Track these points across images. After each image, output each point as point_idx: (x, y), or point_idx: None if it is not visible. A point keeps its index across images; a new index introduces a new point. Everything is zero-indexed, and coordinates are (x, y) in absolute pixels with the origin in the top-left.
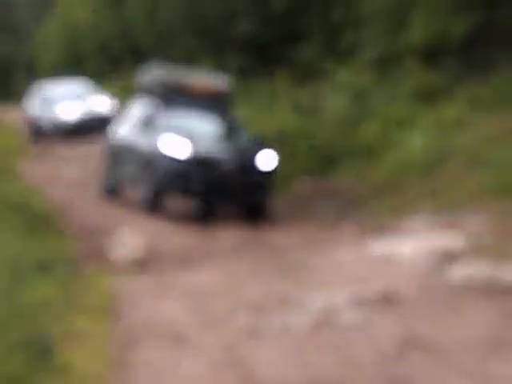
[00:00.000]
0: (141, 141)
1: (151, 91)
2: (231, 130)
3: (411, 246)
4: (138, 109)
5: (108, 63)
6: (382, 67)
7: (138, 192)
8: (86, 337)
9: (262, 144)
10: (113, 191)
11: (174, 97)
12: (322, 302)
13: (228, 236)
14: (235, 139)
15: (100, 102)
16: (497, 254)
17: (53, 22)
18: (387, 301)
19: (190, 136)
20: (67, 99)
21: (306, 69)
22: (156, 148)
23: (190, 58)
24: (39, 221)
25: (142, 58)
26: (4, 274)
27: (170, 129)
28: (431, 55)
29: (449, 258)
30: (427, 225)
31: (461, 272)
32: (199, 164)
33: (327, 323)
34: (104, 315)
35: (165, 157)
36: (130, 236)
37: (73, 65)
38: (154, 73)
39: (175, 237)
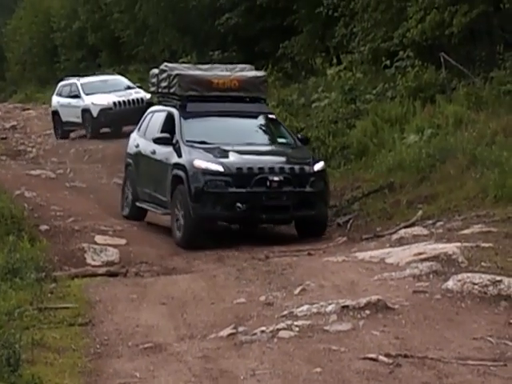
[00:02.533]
0: (166, 155)
1: (170, 93)
2: (271, 130)
3: (405, 253)
4: (158, 116)
5: (84, 55)
6: (376, 62)
7: (173, 225)
8: (57, 347)
9: (307, 142)
10: (136, 215)
11: (198, 96)
12: (309, 310)
13: (213, 243)
14: (278, 141)
15: (136, 93)
16: (495, 262)
17: (23, 11)
18: (379, 310)
19: (227, 143)
20: (99, 92)
21: (295, 65)
22: (189, 162)
23: (170, 54)
24: (8, 223)
25: (120, 52)
26: None
27: (201, 136)
28: (429, 49)
29: (445, 266)
30: (423, 232)
31: (457, 281)
32: (242, 176)
33: (314, 332)
34: (77, 324)
35: (202, 172)
36: (107, 239)
37: (45, 56)
38: (169, 73)
39: (157, 242)
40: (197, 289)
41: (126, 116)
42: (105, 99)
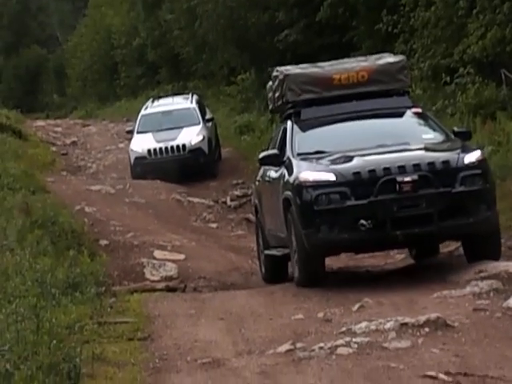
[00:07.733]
0: (278, 177)
1: (284, 103)
2: (415, 127)
3: (465, 271)
4: (277, 136)
5: (143, 71)
6: (435, 79)
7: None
8: (117, 361)
9: (469, 136)
10: (274, 273)
11: (316, 99)
12: (367, 327)
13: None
14: (423, 137)
15: (184, 137)
16: None
17: (85, 28)
18: (438, 327)
19: (352, 150)
20: (153, 129)
21: None
22: (295, 177)
23: (229, 71)
24: (69, 238)
25: (179, 68)
26: (32, 295)
27: (318, 146)
28: (489, 66)
29: (506, 284)
30: None
31: None
32: (362, 183)
33: (373, 349)
34: (136, 338)
35: (310, 186)
36: (166, 254)
37: (105, 72)
38: (279, 77)
39: (215, 257)
40: (255, 304)
41: (164, 169)
42: (141, 144)
